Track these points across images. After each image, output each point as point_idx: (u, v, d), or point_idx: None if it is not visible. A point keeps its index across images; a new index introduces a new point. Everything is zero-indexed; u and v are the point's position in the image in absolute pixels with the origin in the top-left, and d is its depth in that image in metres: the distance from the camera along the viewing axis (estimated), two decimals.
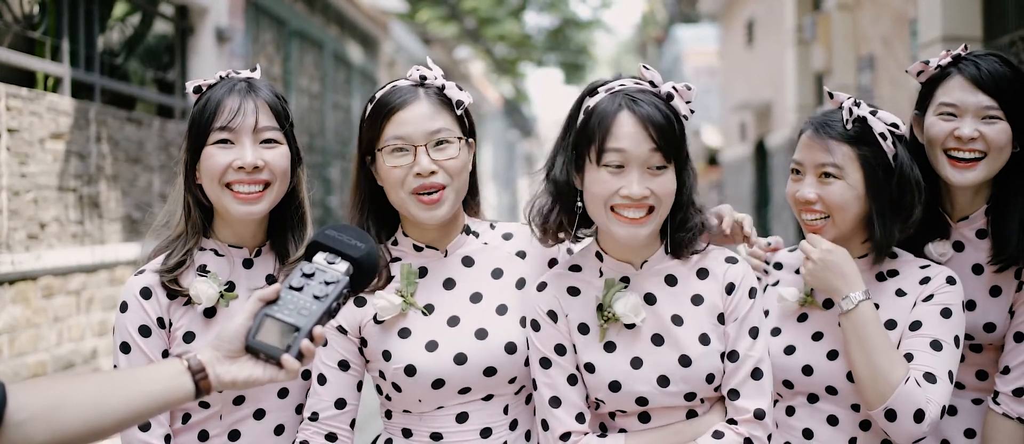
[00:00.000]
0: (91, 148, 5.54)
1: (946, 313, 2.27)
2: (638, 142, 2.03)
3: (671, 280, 2.18)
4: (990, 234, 2.47)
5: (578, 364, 2.16)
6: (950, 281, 2.31)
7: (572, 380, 2.15)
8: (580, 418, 2.15)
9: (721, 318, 2.15)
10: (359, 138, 2.24)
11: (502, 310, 2.21)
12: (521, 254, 2.30)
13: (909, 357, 2.25)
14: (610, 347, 2.14)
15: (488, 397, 2.20)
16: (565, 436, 2.14)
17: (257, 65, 2.36)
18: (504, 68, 26.59)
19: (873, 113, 2.30)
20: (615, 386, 2.12)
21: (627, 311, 2.12)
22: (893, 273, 2.36)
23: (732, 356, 2.13)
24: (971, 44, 5.83)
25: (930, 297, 2.29)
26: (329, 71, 10.74)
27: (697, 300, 2.16)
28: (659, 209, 2.07)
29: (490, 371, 2.17)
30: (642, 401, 2.12)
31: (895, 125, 2.31)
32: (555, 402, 2.14)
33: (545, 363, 2.16)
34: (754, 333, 2.15)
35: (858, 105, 2.31)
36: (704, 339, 2.12)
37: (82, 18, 5.67)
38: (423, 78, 2.21)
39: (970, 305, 2.46)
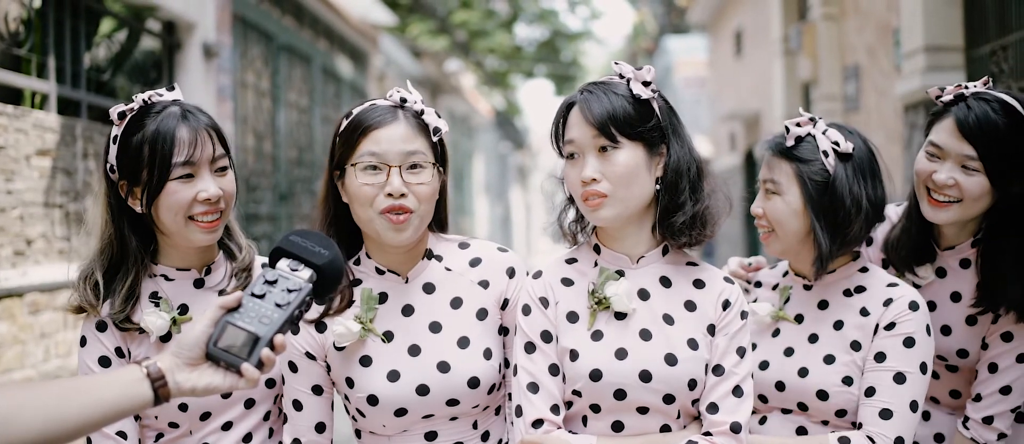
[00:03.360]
0: (78, 164, 5.55)
1: (909, 342, 2.28)
2: (583, 132, 2.11)
3: (665, 281, 2.18)
4: (978, 272, 2.49)
5: (561, 354, 2.15)
6: (913, 307, 2.31)
7: (553, 370, 2.14)
8: (555, 410, 2.14)
9: (711, 329, 2.15)
10: (330, 153, 2.22)
11: (464, 343, 2.20)
12: (484, 283, 2.26)
13: (871, 391, 2.27)
14: (597, 336, 2.14)
15: (453, 418, 2.20)
16: (537, 423, 2.12)
17: (176, 85, 2.34)
18: (495, 80, 26.60)
19: (825, 132, 2.32)
20: (596, 375, 2.10)
21: (619, 294, 2.12)
22: (860, 289, 2.38)
23: (717, 370, 2.13)
24: (953, 54, 5.91)
25: (892, 325, 2.30)
26: (318, 85, 10.75)
27: (690, 306, 2.16)
28: (611, 191, 2.10)
29: (453, 402, 2.17)
30: (620, 394, 2.10)
31: (837, 143, 2.31)
32: (533, 388, 2.13)
33: (529, 348, 2.16)
34: (741, 352, 2.15)
35: (813, 122, 2.34)
36: (692, 344, 2.13)
37: (68, 35, 5.68)
38: (403, 101, 2.20)
39: (945, 330, 2.50)
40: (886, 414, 2.25)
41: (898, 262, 2.54)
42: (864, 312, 2.34)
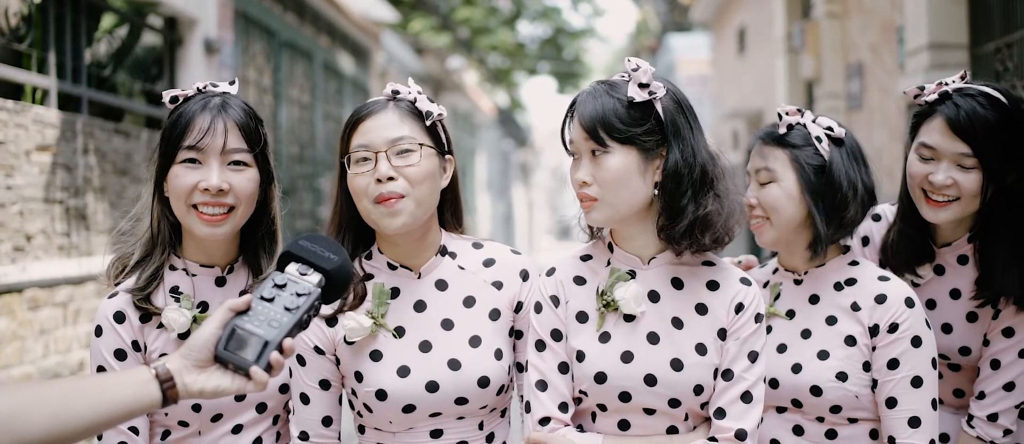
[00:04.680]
0: (78, 160, 5.54)
1: (917, 342, 2.28)
2: (578, 133, 2.10)
3: (677, 283, 2.15)
4: (977, 265, 2.49)
5: (570, 353, 2.14)
6: (909, 303, 2.31)
7: (563, 368, 2.14)
8: (563, 407, 2.13)
9: (722, 334, 2.12)
10: (338, 151, 2.24)
11: (475, 342, 2.19)
12: (498, 284, 2.25)
13: (893, 401, 2.27)
14: (604, 338, 2.12)
15: (460, 418, 2.19)
16: (544, 420, 2.12)
17: (236, 79, 2.34)
18: (497, 78, 26.57)
19: (814, 120, 2.33)
20: (601, 378, 2.09)
21: (627, 297, 2.10)
22: (851, 282, 2.37)
23: (726, 375, 2.11)
24: (957, 52, 5.88)
25: (895, 327, 2.29)
26: (320, 81, 10.73)
27: (701, 309, 2.13)
28: (601, 195, 2.08)
29: (462, 400, 2.16)
30: (625, 397, 2.09)
31: (830, 128, 2.32)
32: (542, 386, 2.13)
33: (540, 346, 2.15)
34: (753, 357, 2.12)
35: (801, 113, 2.34)
36: (701, 349, 2.10)
37: (69, 30, 5.67)
38: (396, 93, 2.20)
39: (946, 328, 2.49)
40: (915, 422, 2.26)
41: (898, 264, 2.53)
42: (855, 307, 2.34)
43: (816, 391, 2.28)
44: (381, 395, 2.14)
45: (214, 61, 7.58)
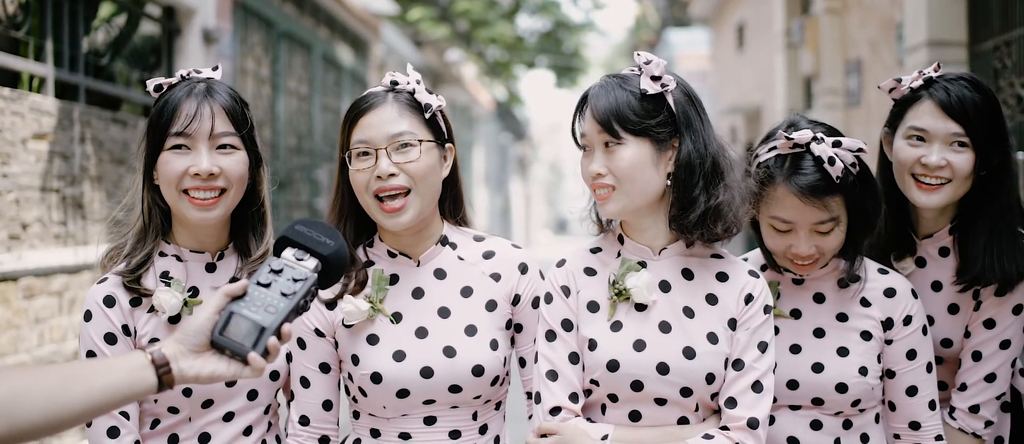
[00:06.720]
0: (75, 149, 5.52)
1: (924, 331, 2.36)
2: (590, 126, 2.12)
3: (687, 273, 2.17)
4: (958, 255, 2.51)
5: (581, 343, 2.15)
6: (914, 294, 2.38)
7: (573, 358, 2.15)
8: (573, 397, 2.14)
9: (732, 324, 2.14)
10: (338, 144, 2.25)
11: (471, 331, 2.20)
12: (496, 276, 2.27)
13: (913, 389, 2.34)
14: (616, 326, 2.14)
15: (454, 406, 2.19)
16: (555, 410, 2.13)
17: (218, 65, 2.35)
18: (496, 71, 26.53)
19: (837, 144, 2.23)
20: (613, 365, 2.10)
21: (640, 285, 2.12)
22: (854, 278, 2.37)
23: (737, 364, 2.12)
24: (956, 49, 5.89)
25: (909, 319, 2.34)
26: (318, 73, 10.72)
27: (712, 299, 2.15)
28: (616, 185, 2.10)
29: (455, 388, 2.17)
30: (637, 385, 2.10)
31: (861, 149, 2.25)
32: (552, 375, 2.14)
33: (550, 336, 2.16)
34: (763, 347, 2.14)
35: (838, 145, 2.23)
36: (712, 337, 2.12)
37: (66, 18, 5.65)
38: (394, 83, 2.20)
39: (928, 320, 2.50)
40: (932, 405, 2.36)
41: (878, 257, 2.53)
42: (865, 302, 2.36)
43: (842, 388, 2.30)
44: (376, 378, 2.15)
45: (212, 51, 7.57)
